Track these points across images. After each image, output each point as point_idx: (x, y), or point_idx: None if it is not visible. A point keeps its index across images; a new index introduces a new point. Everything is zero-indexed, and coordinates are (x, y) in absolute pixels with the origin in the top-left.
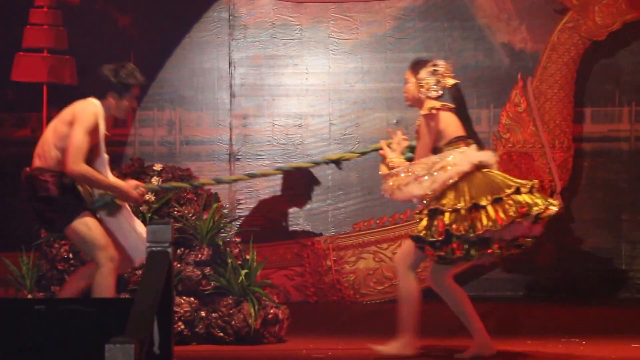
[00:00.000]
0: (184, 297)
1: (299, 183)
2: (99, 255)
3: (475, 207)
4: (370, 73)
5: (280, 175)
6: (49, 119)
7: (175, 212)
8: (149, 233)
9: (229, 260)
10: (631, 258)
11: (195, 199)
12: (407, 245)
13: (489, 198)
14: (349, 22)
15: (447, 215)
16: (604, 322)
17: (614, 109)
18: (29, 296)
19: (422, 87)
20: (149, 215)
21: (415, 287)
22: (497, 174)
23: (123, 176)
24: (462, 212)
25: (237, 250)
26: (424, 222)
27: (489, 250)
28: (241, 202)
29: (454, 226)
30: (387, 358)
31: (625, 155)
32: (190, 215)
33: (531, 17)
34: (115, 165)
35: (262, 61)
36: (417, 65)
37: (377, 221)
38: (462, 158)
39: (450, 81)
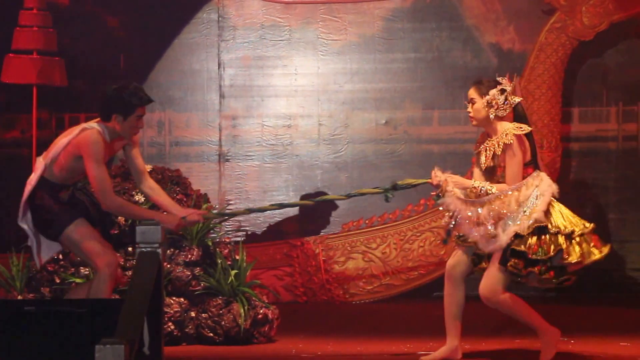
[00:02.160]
0: (174, 298)
1: (288, 184)
2: (96, 262)
3: (568, 236)
4: (359, 74)
5: (270, 176)
6: (39, 120)
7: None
8: (139, 234)
9: (219, 261)
10: (619, 257)
11: (185, 199)
12: (493, 275)
13: (577, 230)
14: (338, 23)
15: (560, 237)
16: (592, 320)
17: (601, 109)
18: (19, 297)
19: (492, 106)
20: None
21: (514, 296)
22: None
23: (113, 177)
24: (573, 237)
25: (226, 251)
26: (533, 240)
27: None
28: (231, 202)
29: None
30: None
31: (613, 154)
32: None
33: (519, 18)
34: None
35: (252, 62)
36: (483, 85)
37: (366, 221)
38: (546, 185)
39: (517, 99)
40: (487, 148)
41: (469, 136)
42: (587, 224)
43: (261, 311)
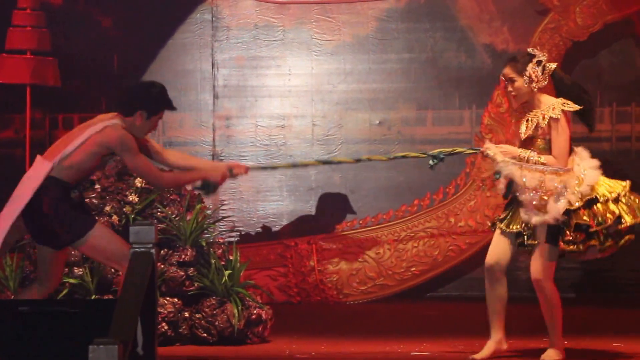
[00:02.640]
0: (168, 298)
1: (282, 184)
2: (124, 265)
3: (616, 200)
4: (353, 74)
5: (264, 176)
6: (32, 120)
7: (159, 213)
8: (132, 234)
9: (213, 261)
10: (612, 257)
11: (179, 199)
12: (543, 256)
13: (622, 192)
14: (332, 23)
15: (610, 204)
16: (585, 321)
17: (595, 109)
18: (13, 297)
19: (532, 80)
20: (132, 216)
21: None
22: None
23: (106, 178)
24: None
25: (220, 251)
26: (586, 212)
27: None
28: (224, 202)
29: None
30: None
31: (607, 155)
32: (174, 216)
33: (513, 18)
34: (99, 166)
35: (245, 62)
36: (519, 61)
37: (360, 222)
38: (589, 160)
39: (553, 65)
40: (530, 119)
41: (462, 137)
42: (624, 183)
43: (255, 311)
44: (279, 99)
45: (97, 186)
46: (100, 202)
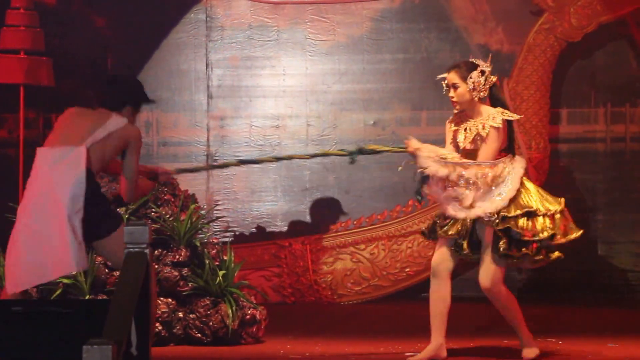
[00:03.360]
0: (162, 298)
1: (276, 184)
2: None
3: (552, 216)
4: (347, 74)
5: (258, 176)
6: (26, 120)
7: (153, 213)
8: (126, 234)
9: (207, 261)
10: (607, 258)
11: (173, 200)
12: (490, 263)
13: (558, 208)
14: (326, 23)
15: (545, 219)
16: (580, 322)
17: (589, 110)
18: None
19: (474, 90)
20: (127, 216)
21: (512, 294)
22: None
23: (100, 178)
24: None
25: (214, 251)
26: (524, 221)
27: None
28: (219, 203)
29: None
30: None
31: (601, 156)
32: (168, 216)
33: (507, 19)
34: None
35: (240, 62)
36: (463, 68)
37: (355, 222)
38: (517, 169)
39: (494, 78)
40: (469, 128)
41: None
42: (560, 200)
43: (249, 312)
44: (273, 99)
45: None
46: None
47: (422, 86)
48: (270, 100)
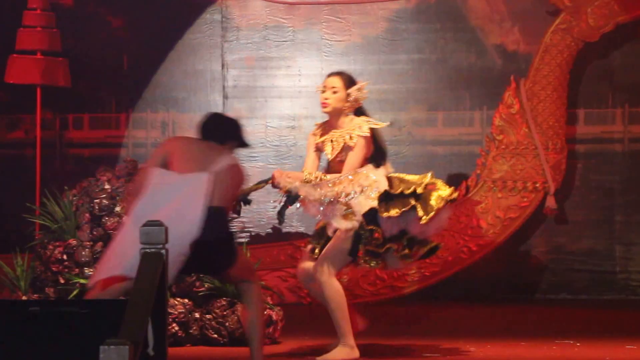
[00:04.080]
0: (178, 299)
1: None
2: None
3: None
4: (362, 75)
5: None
6: (43, 120)
7: None
8: (142, 234)
9: None
10: (625, 259)
11: None
12: (331, 253)
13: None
14: (342, 24)
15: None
16: (598, 323)
17: (607, 111)
18: (24, 298)
19: (348, 102)
20: None
21: (341, 289)
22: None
23: (117, 178)
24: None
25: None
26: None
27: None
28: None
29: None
30: None
31: (619, 156)
32: None
33: (524, 19)
34: (109, 167)
35: (255, 63)
36: (345, 76)
37: None
38: (382, 175)
39: (365, 96)
40: (335, 139)
41: (473, 138)
42: (425, 177)
43: (265, 312)
44: (289, 100)
45: (107, 187)
46: (111, 202)
47: (438, 86)
48: (285, 101)
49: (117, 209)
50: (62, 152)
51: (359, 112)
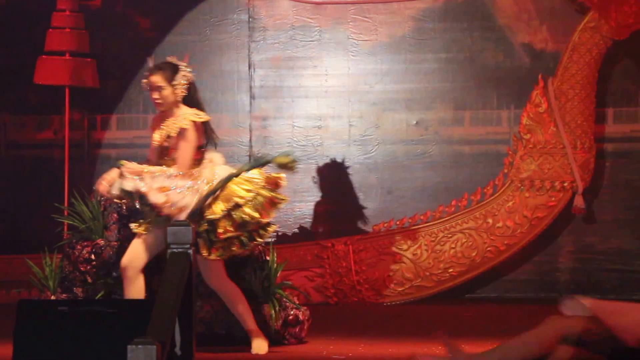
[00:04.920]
0: (205, 299)
1: (318, 184)
2: None
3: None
4: (389, 74)
5: (301, 176)
6: (71, 121)
7: None
8: (170, 234)
9: (249, 262)
10: None
11: None
12: (207, 264)
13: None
14: (369, 23)
15: (247, 207)
16: None
17: (636, 109)
18: (52, 297)
19: (177, 92)
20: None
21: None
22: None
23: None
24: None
25: (257, 252)
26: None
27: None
28: None
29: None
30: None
31: None
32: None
33: (552, 17)
34: None
35: (282, 63)
36: (166, 70)
37: (397, 222)
38: (214, 168)
39: (189, 76)
40: (165, 128)
41: (500, 137)
42: (258, 178)
43: (292, 312)
44: (315, 100)
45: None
46: None
47: (465, 86)
48: (312, 101)
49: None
50: (90, 152)
51: (191, 99)
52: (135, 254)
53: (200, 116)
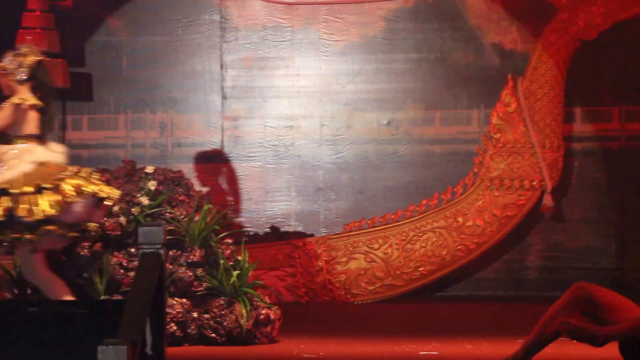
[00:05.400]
0: (176, 299)
1: (290, 184)
2: None
3: (39, 192)
4: (361, 74)
5: (272, 176)
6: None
7: (167, 214)
8: (141, 235)
9: (221, 262)
10: (621, 257)
11: (187, 200)
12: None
13: (46, 184)
14: (340, 23)
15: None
16: None
17: (604, 109)
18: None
19: (9, 74)
20: (141, 217)
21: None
22: (55, 165)
23: (115, 179)
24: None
25: (228, 252)
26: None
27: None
28: (232, 203)
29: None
30: None
31: (615, 154)
32: (182, 217)
33: (521, 18)
34: (108, 167)
35: (253, 63)
36: (14, 56)
37: (368, 222)
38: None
39: (33, 59)
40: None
41: (471, 136)
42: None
43: (263, 312)
44: (287, 100)
45: None
46: None
47: (436, 86)
48: (284, 101)
49: (116, 208)
50: None
51: (38, 82)
52: None
53: (25, 100)
